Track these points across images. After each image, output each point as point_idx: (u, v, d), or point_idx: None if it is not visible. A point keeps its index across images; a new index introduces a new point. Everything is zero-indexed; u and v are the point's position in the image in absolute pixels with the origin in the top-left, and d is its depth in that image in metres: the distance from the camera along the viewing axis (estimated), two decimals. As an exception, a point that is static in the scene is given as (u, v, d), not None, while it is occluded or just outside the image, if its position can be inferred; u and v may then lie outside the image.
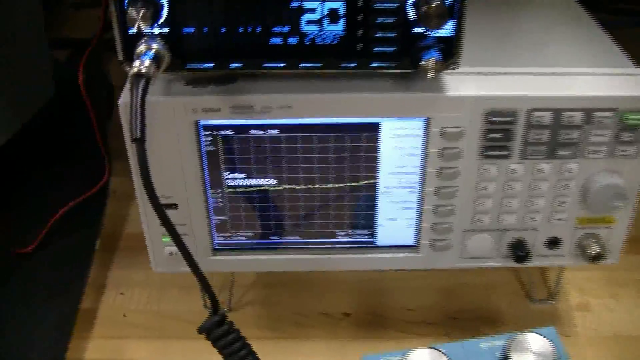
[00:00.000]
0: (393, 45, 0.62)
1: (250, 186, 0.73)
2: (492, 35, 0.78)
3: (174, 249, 0.64)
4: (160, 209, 0.61)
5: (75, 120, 1.06)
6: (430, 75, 0.62)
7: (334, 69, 0.64)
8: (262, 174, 0.72)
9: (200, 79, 0.67)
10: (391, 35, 0.62)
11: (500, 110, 0.66)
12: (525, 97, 0.66)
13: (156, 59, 0.60)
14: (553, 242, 0.75)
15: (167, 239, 0.72)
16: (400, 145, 0.70)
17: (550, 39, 0.78)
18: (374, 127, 0.69)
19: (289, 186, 0.73)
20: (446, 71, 0.64)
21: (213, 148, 0.70)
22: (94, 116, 0.99)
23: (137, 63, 0.58)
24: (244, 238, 0.77)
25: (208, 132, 0.69)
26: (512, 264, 0.76)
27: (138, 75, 0.59)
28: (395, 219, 0.76)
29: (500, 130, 0.67)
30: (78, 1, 1.55)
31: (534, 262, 0.76)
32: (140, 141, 0.58)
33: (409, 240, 0.77)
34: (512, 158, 0.69)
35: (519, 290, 0.93)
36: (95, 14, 0.96)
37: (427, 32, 0.61)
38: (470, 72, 0.68)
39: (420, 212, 0.73)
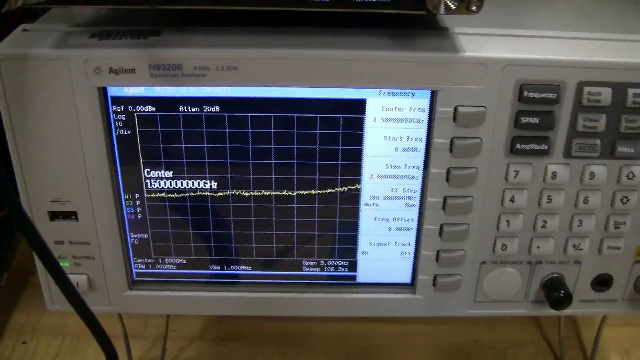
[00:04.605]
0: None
1: (181, 190, 0.60)
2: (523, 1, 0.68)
3: (78, 278, 0.60)
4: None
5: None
6: (441, 7, 0.46)
7: (299, 4, 0.48)
8: (198, 172, 0.59)
9: (111, 31, 0.55)
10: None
11: (540, 82, 0.54)
12: (576, 63, 0.53)
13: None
14: (602, 282, 0.64)
15: (67, 264, 0.62)
16: (393, 134, 0.58)
17: (596, 7, 0.67)
18: (357, 106, 0.57)
19: (236, 192, 0.60)
20: (464, 13, 0.48)
21: (128, 132, 0.57)
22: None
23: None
24: (173, 266, 0.65)
25: (120, 108, 0.56)
26: (545, 311, 0.65)
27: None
28: (385, 245, 0.64)
29: (537, 113, 0.55)
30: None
31: (573, 310, 0.65)
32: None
33: (403, 276, 0.65)
34: (552, 156, 0.57)
35: (545, 351, 0.81)
36: None
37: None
38: (496, 34, 0.57)
39: (419, 235, 0.62)
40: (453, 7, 0.46)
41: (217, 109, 0.56)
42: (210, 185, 0.60)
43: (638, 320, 0.82)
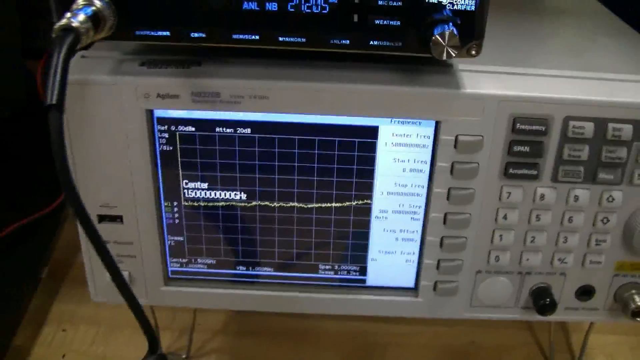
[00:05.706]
0: (398, 17, 0.51)
1: (214, 200, 0.63)
2: (522, 39, 0.70)
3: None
4: (79, 208, 0.47)
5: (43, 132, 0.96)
6: (443, 55, 0.50)
7: (322, 46, 0.53)
8: (229, 185, 0.62)
9: (158, 60, 0.59)
10: (396, 4, 0.51)
11: (530, 116, 0.57)
12: (563, 100, 0.56)
13: (95, 18, 0.49)
14: (585, 292, 0.66)
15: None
16: (402, 157, 0.61)
17: (589, 45, 0.70)
18: (371, 132, 0.60)
19: (262, 203, 0.63)
20: (464, 57, 0.53)
21: (170, 148, 0.61)
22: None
23: (67, 15, 0.48)
24: (204, 266, 0.67)
25: (164, 127, 0.60)
26: (533, 316, 0.67)
27: (66, 29, 0.47)
28: (392, 253, 0.66)
29: (528, 143, 0.58)
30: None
31: (559, 316, 0.67)
32: (56, 109, 0.45)
33: (407, 281, 0.67)
34: (541, 180, 0.60)
35: (536, 354, 0.83)
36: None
37: (442, 1, 0.51)
38: (495, 72, 0.59)
39: (422, 245, 0.64)
40: (454, 54, 0.50)
41: (248, 130, 0.59)
42: (240, 197, 0.62)
43: (622, 329, 0.83)
